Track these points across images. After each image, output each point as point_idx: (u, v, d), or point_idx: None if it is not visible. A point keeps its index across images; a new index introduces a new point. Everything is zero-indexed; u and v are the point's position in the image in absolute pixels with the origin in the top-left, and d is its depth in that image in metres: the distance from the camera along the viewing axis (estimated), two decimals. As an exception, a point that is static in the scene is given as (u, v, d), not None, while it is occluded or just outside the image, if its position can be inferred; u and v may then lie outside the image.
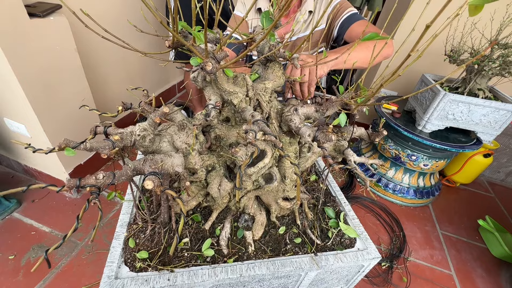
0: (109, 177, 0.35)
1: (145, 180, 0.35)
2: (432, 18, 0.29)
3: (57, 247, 0.30)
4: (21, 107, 1.20)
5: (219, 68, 0.41)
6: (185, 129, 0.50)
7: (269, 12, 0.57)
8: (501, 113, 1.46)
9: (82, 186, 0.33)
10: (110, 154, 0.39)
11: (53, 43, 1.19)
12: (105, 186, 0.35)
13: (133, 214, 0.70)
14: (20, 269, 1.19)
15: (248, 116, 0.49)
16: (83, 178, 0.33)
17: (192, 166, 0.51)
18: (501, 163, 2.13)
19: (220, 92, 0.54)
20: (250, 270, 0.61)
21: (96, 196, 0.33)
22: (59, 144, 0.36)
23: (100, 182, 0.34)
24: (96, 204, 0.33)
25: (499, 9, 1.46)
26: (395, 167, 1.82)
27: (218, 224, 0.70)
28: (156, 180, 0.35)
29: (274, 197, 0.70)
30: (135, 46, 0.48)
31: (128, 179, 0.39)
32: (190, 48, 0.37)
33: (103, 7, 1.57)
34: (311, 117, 0.67)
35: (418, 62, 1.72)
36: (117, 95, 1.87)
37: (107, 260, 0.58)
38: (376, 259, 0.70)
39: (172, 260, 0.60)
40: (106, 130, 0.45)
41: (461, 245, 1.61)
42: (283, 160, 0.66)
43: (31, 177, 1.63)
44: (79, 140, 0.39)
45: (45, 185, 0.30)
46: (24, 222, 1.39)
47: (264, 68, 0.66)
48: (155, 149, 0.48)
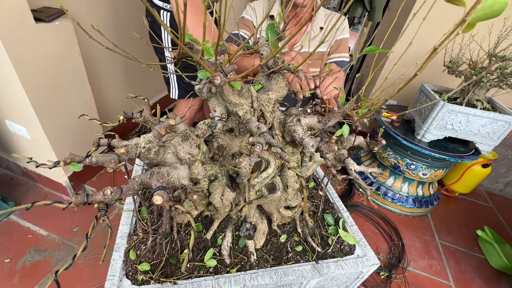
0: (117, 192, 0.35)
1: (153, 196, 0.35)
2: (428, 31, 0.30)
3: (67, 267, 0.30)
4: (23, 110, 1.20)
5: (227, 81, 0.41)
6: (189, 139, 0.51)
7: (274, 24, 0.58)
8: (499, 124, 1.48)
9: (89, 202, 0.33)
10: (116, 168, 0.39)
11: (58, 47, 1.20)
12: (112, 202, 0.35)
13: (133, 224, 0.69)
14: (16, 273, 1.18)
15: (254, 128, 0.49)
16: (90, 195, 0.33)
17: (195, 176, 0.51)
18: (499, 173, 2.14)
19: (225, 104, 0.55)
20: (253, 280, 0.60)
21: (104, 213, 0.32)
22: (64, 158, 0.36)
23: (108, 198, 0.33)
24: (105, 221, 0.32)
25: (497, 22, 1.49)
26: (394, 176, 1.83)
27: (220, 234, 0.70)
28: (165, 195, 0.35)
29: (276, 206, 0.70)
30: (137, 51, 0.49)
31: (135, 194, 0.39)
32: (199, 61, 0.37)
33: (106, 14, 1.59)
34: (313, 128, 0.68)
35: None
36: (119, 99, 1.88)
37: (108, 273, 0.57)
38: (375, 265, 0.71)
39: (174, 271, 0.59)
40: (110, 142, 0.45)
41: (460, 255, 1.61)
42: (285, 169, 0.66)
43: (29, 179, 1.62)
44: (81, 145, 0.40)
45: (51, 202, 0.30)
46: (21, 225, 1.37)
47: (267, 79, 0.67)
48: (159, 161, 0.48)
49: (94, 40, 0.46)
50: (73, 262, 0.31)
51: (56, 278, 0.29)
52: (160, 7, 1.17)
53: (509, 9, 1.44)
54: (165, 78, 1.40)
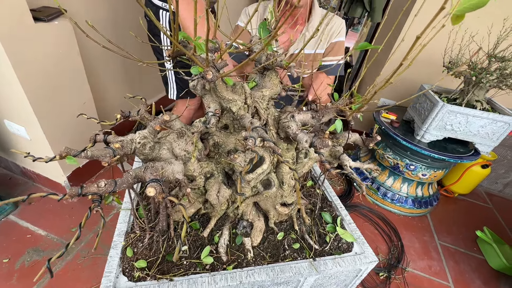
0: (111, 185, 0.35)
1: (147, 187, 0.35)
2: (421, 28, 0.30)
3: (59, 255, 0.30)
4: (22, 110, 1.21)
5: (219, 76, 0.41)
6: (184, 136, 0.51)
7: (266, 23, 0.58)
8: (499, 125, 1.47)
9: (84, 194, 0.33)
10: (111, 162, 0.39)
11: (57, 47, 1.21)
12: (106, 194, 0.35)
13: (130, 222, 0.70)
14: (14, 273, 1.18)
15: (247, 123, 0.50)
16: (84, 186, 0.33)
17: (191, 173, 0.51)
18: (499, 174, 2.14)
19: (219, 100, 0.55)
20: (249, 276, 0.61)
21: (98, 204, 0.33)
22: (60, 152, 0.36)
23: (102, 190, 0.34)
24: (98, 212, 0.33)
25: (496, 22, 1.49)
26: (393, 176, 1.82)
27: (217, 231, 0.70)
28: (158, 187, 0.35)
29: (273, 203, 0.70)
30: (135, 50, 0.49)
31: (129, 187, 0.39)
32: (191, 57, 0.37)
33: (105, 14, 1.60)
34: (307, 124, 0.68)
35: (417, 73, 1.74)
36: (118, 99, 1.88)
37: (105, 270, 0.58)
38: (373, 262, 0.71)
39: (171, 268, 0.60)
40: (106, 138, 0.46)
41: (459, 256, 1.60)
42: (281, 166, 0.66)
43: (28, 179, 1.62)
44: (80, 144, 0.40)
45: (46, 194, 0.30)
46: (19, 225, 1.37)
47: (261, 76, 0.67)
48: (155, 157, 0.48)
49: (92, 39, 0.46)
50: (65, 250, 0.31)
51: (49, 266, 0.29)
52: (160, 7, 1.17)
53: (508, 9, 1.44)
54: (163, 78, 1.40)
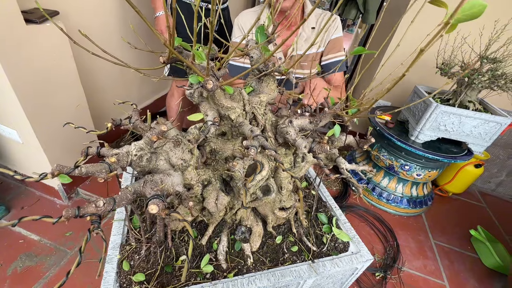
0: (110, 203, 0.34)
1: (149, 205, 0.34)
2: (416, 34, 0.30)
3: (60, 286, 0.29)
4: (14, 113, 1.18)
5: (219, 85, 0.41)
6: (180, 144, 0.50)
7: (263, 27, 0.58)
8: (491, 125, 1.50)
9: (81, 215, 0.32)
10: (107, 178, 0.38)
11: (49, 49, 1.18)
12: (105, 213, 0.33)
13: (125, 234, 0.67)
14: (6, 279, 1.15)
15: (247, 131, 0.49)
16: (82, 207, 0.32)
17: (188, 181, 0.51)
18: (491, 173, 2.17)
19: (217, 107, 0.54)
20: (251, 283, 0.60)
21: (97, 226, 0.31)
22: (51, 170, 0.35)
23: (101, 210, 0.32)
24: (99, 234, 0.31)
25: (488, 25, 1.51)
26: (388, 177, 1.84)
27: (215, 238, 0.69)
28: (160, 204, 0.34)
29: (271, 208, 0.70)
30: (129, 56, 0.48)
31: (129, 203, 0.38)
32: (190, 66, 0.37)
33: (98, 20, 1.57)
34: (305, 129, 0.68)
35: (410, 74, 1.76)
36: (112, 101, 1.86)
37: (101, 287, 0.56)
38: (369, 261, 0.72)
39: (171, 280, 0.58)
40: (99, 150, 0.44)
41: (454, 255, 1.63)
42: (279, 170, 0.66)
43: (21, 183, 1.59)
44: (73, 148, 0.39)
45: (39, 217, 0.29)
46: (12, 230, 1.34)
47: (258, 81, 0.67)
48: (152, 168, 0.47)
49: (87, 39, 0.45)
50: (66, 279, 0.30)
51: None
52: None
53: (499, 12, 1.46)
54: None
